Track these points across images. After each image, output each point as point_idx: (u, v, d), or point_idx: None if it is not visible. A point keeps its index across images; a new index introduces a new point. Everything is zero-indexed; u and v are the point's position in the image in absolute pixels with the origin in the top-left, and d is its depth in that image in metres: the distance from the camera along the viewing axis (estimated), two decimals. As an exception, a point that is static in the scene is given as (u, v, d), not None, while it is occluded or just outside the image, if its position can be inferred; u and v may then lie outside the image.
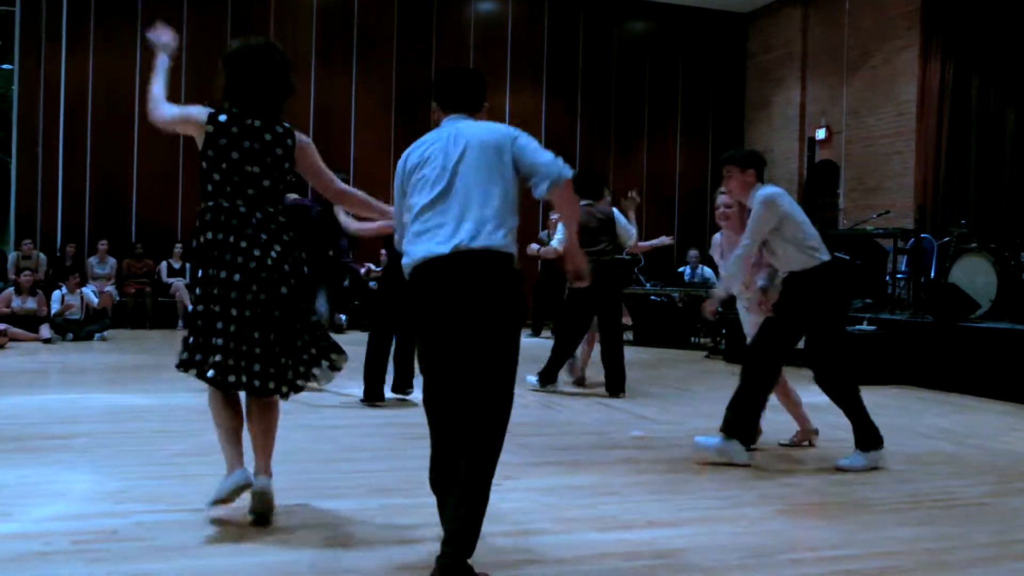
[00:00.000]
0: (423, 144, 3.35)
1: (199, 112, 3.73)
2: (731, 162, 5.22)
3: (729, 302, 5.84)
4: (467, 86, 3.46)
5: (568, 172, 3.26)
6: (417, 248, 3.19)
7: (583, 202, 7.46)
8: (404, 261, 3.25)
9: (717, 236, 5.86)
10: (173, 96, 3.82)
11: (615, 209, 7.85)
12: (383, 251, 10.80)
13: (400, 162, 3.41)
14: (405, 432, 5.68)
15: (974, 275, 9.23)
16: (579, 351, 8.15)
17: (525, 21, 15.95)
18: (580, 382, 8.19)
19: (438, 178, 3.23)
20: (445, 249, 3.12)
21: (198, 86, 14.49)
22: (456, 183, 3.21)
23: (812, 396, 7.27)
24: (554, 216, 13.82)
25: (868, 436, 5.12)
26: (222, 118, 3.68)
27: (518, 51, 15.86)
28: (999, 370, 8.05)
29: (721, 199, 5.64)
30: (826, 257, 5.08)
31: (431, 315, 3.16)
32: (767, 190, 5.08)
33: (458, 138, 3.28)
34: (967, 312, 8.83)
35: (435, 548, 3.50)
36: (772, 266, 5.33)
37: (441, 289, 3.13)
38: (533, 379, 7.73)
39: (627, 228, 7.81)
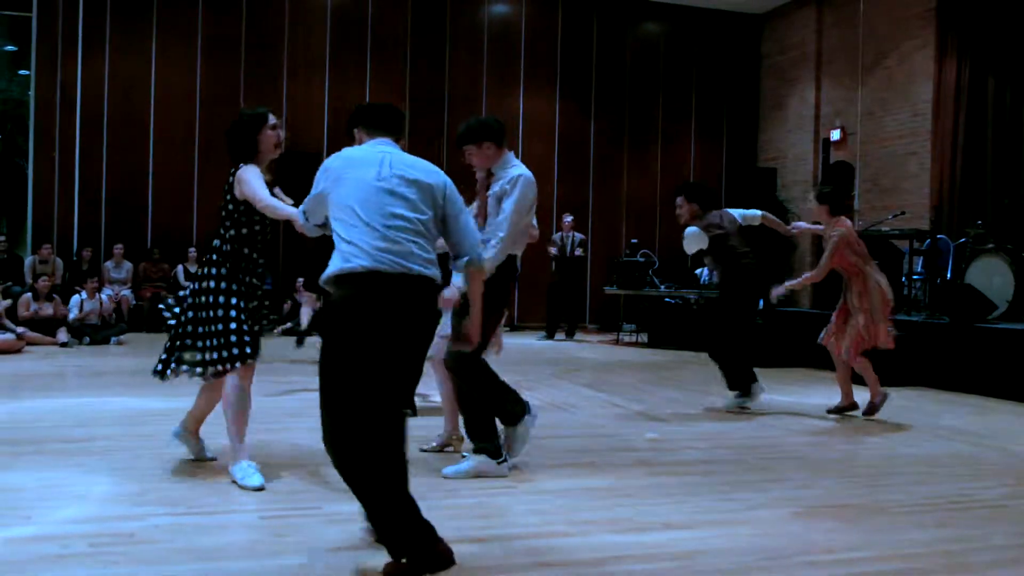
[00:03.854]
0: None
1: None
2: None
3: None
4: (391, 112, 3.73)
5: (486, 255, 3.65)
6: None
7: (714, 212, 7.33)
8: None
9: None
10: (188, 99, 3.89)
11: (731, 211, 7.47)
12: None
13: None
14: (415, 435, 5.65)
15: (991, 276, 9.19)
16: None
17: (539, 24, 15.95)
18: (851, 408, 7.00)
19: None
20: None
21: (213, 88, 14.63)
22: None
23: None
24: (568, 218, 13.89)
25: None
26: None
27: (532, 54, 15.86)
28: (1017, 371, 8.00)
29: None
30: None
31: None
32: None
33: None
34: (984, 313, 8.78)
35: (449, 548, 3.51)
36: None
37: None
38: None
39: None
